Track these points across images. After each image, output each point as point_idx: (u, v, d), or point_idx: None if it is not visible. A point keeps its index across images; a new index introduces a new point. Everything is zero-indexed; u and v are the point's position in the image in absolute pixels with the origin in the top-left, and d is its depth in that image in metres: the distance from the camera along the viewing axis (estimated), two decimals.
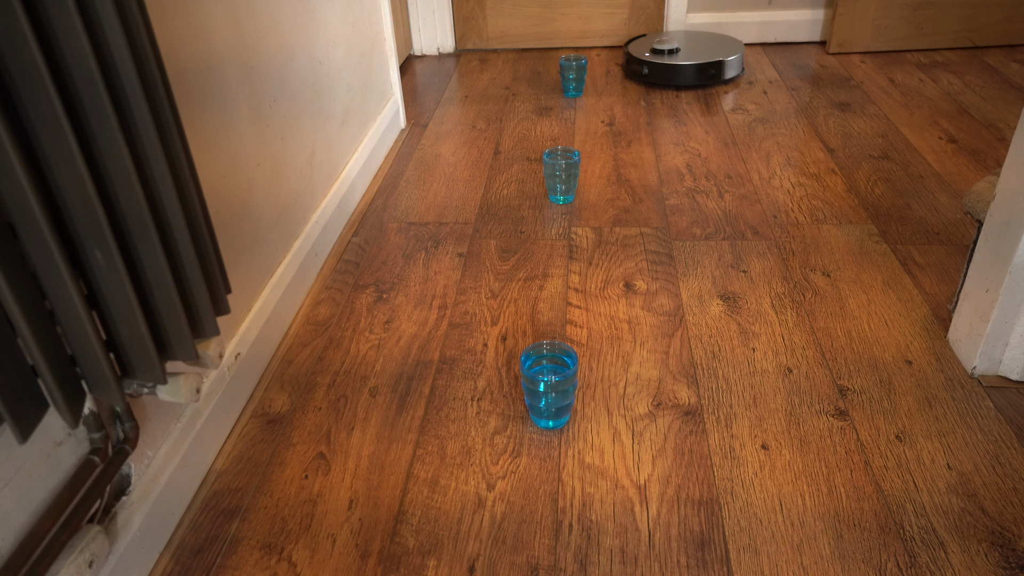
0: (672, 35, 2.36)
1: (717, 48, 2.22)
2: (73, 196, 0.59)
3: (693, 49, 2.22)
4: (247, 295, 1.12)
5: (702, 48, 2.23)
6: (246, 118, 1.11)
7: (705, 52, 2.19)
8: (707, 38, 2.32)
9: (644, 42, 2.35)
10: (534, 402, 0.99)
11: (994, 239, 1.03)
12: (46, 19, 0.55)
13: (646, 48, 2.25)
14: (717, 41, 2.29)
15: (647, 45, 2.29)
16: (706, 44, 2.26)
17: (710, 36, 2.34)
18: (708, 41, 2.29)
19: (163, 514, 0.87)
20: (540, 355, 1.03)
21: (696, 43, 2.28)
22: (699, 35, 2.36)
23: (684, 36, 2.35)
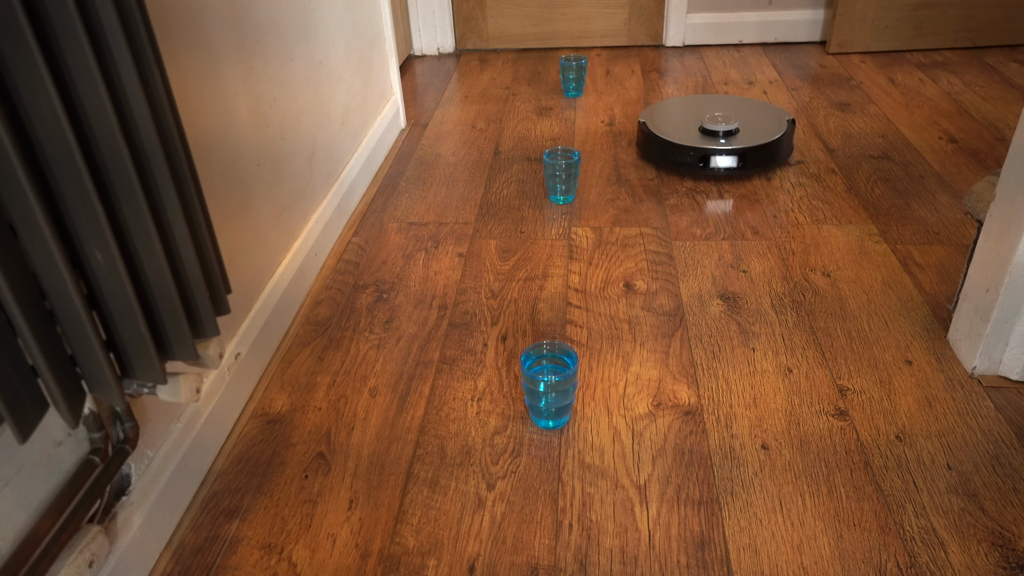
0: (705, 102, 1.83)
1: (767, 119, 1.72)
2: (73, 196, 0.59)
3: (747, 123, 1.71)
4: (247, 295, 1.12)
5: (754, 120, 1.72)
6: (246, 118, 1.11)
7: (759, 126, 1.69)
8: (744, 105, 1.81)
9: (673, 112, 1.80)
10: (534, 402, 0.99)
11: (994, 239, 1.03)
12: (46, 18, 0.55)
13: (684, 125, 1.70)
14: (760, 109, 1.79)
15: (684, 120, 1.73)
16: (753, 114, 1.76)
17: (745, 102, 1.83)
18: (750, 110, 1.79)
19: (163, 514, 0.87)
20: (540, 355, 1.03)
21: (736, 110, 1.78)
22: (730, 102, 1.84)
23: (718, 102, 1.83)
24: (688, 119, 1.73)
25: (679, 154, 1.62)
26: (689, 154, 1.59)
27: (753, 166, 1.60)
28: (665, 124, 1.71)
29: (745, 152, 1.58)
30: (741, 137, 1.62)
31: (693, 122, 1.71)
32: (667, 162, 1.65)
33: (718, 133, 1.63)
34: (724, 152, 1.58)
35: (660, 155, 1.66)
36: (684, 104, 1.83)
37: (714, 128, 1.63)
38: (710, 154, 1.58)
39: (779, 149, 1.64)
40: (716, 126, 1.63)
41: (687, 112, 1.78)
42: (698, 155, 1.59)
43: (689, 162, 1.61)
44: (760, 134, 1.64)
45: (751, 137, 1.62)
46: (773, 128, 1.66)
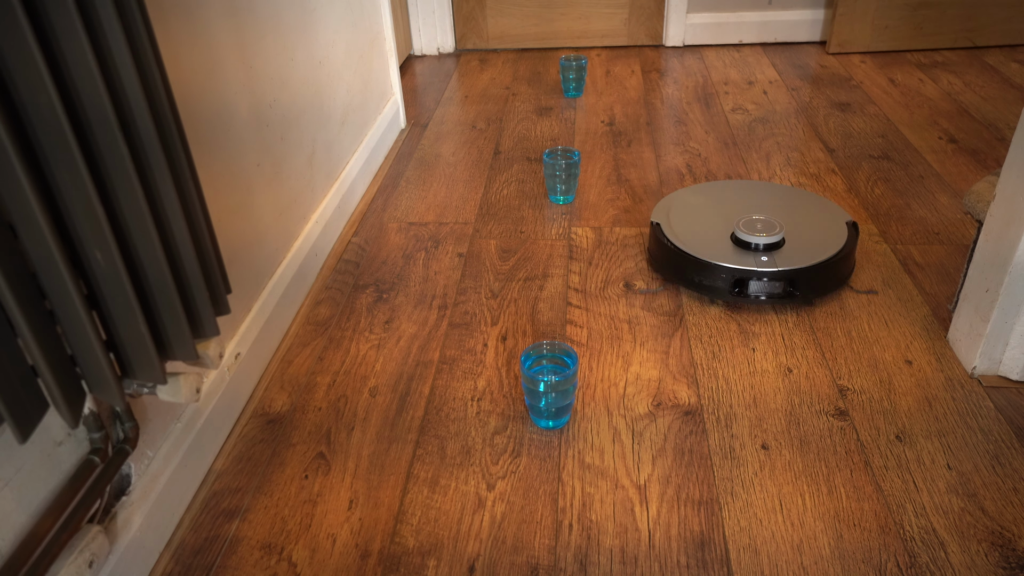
0: (737, 194, 1.40)
1: (820, 221, 1.31)
2: (73, 196, 0.59)
3: (794, 228, 1.29)
4: (247, 295, 1.12)
5: (802, 224, 1.30)
6: (246, 118, 1.11)
7: (811, 233, 1.28)
8: (787, 199, 1.38)
9: (695, 209, 1.36)
10: (534, 402, 0.99)
11: (994, 239, 1.03)
12: (46, 19, 0.55)
13: (710, 231, 1.29)
14: (809, 206, 1.35)
15: (711, 223, 1.31)
16: (799, 213, 1.33)
17: (787, 194, 1.40)
18: (794, 206, 1.36)
19: (163, 514, 0.87)
20: (540, 355, 1.03)
21: (777, 207, 1.36)
22: (768, 193, 1.41)
23: (753, 195, 1.40)
24: (716, 222, 1.31)
25: (706, 274, 1.21)
26: (720, 276, 1.19)
27: (806, 292, 1.20)
28: (686, 229, 1.30)
29: (795, 275, 1.18)
30: (788, 252, 1.22)
31: (722, 226, 1.30)
32: (688, 282, 1.24)
33: (757, 247, 1.23)
34: (766, 276, 1.18)
35: (679, 272, 1.25)
36: (709, 197, 1.40)
37: (752, 240, 1.23)
38: (748, 277, 1.19)
39: (840, 268, 1.23)
40: (754, 237, 1.22)
41: (714, 210, 1.35)
42: (732, 278, 1.19)
43: (720, 286, 1.20)
44: (813, 246, 1.23)
45: (801, 251, 1.22)
46: (829, 236, 1.25)
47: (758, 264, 1.19)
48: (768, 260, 1.19)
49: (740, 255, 1.22)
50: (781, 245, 1.23)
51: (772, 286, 1.19)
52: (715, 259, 1.21)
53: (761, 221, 1.26)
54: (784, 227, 1.27)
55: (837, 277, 1.24)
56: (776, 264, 1.18)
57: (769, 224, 1.25)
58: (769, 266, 1.19)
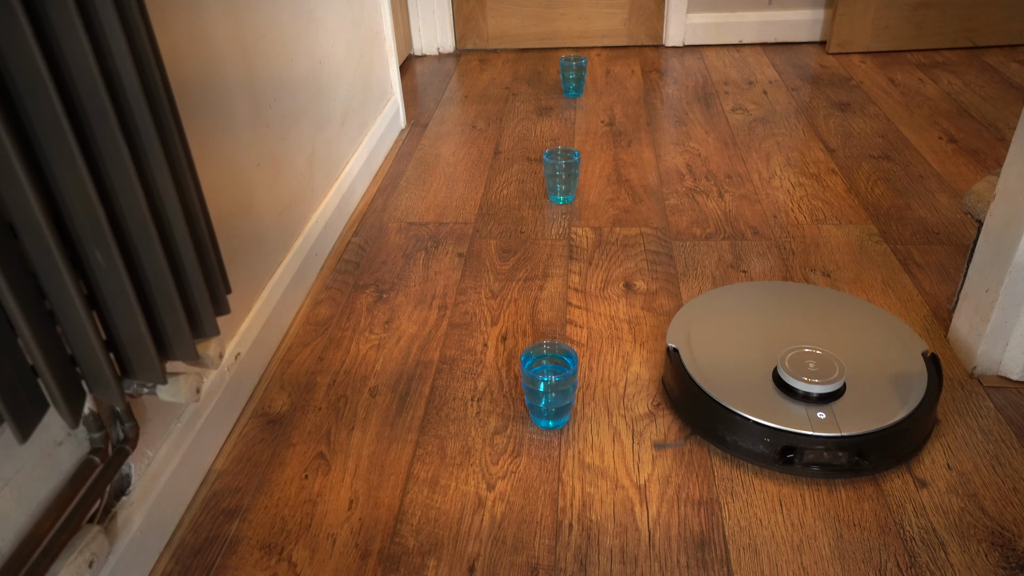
0: (777, 304, 1.09)
1: (888, 352, 1.00)
2: (73, 196, 0.59)
3: (857, 365, 0.98)
4: (247, 295, 1.12)
5: (866, 356, 0.99)
6: (246, 118, 1.11)
7: (877, 372, 0.97)
8: (843, 315, 1.07)
9: (725, 331, 1.04)
10: (534, 402, 0.99)
11: (994, 239, 1.03)
12: (46, 20, 0.55)
13: (747, 366, 0.98)
14: (873, 329, 1.04)
15: (746, 353, 1.00)
16: (861, 339, 1.02)
17: (843, 305, 1.09)
18: (853, 328, 1.04)
19: (163, 514, 0.87)
20: (540, 355, 1.03)
21: (831, 330, 1.04)
22: (818, 301, 1.10)
23: (799, 308, 1.09)
24: (753, 350, 0.99)
25: (741, 433, 0.91)
26: (761, 439, 0.89)
27: (878, 463, 0.90)
28: (713, 361, 0.98)
29: (864, 442, 0.87)
30: (851, 404, 0.91)
31: (761, 356, 0.98)
32: (718, 439, 0.94)
33: (810, 396, 0.92)
34: (824, 443, 0.88)
35: (705, 422, 0.95)
36: (742, 308, 1.07)
37: (803, 387, 0.92)
38: (800, 444, 0.88)
39: (920, 427, 0.92)
40: (806, 383, 0.91)
41: (750, 330, 1.03)
42: (777, 443, 0.89)
43: (761, 451, 0.90)
44: (883, 394, 0.92)
45: (869, 403, 0.91)
46: (904, 377, 0.94)
47: (813, 423, 0.88)
48: (826, 418, 0.88)
49: (787, 407, 0.91)
50: (842, 394, 0.92)
51: (832, 456, 0.87)
52: (753, 413, 0.90)
53: (814, 357, 0.94)
54: (844, 365, 0.94)
55: (916, 439, 0.91)
56: (838, 424, 0.87)
57: (825, 362, 0.93)
58: (828, 427, 0.87)
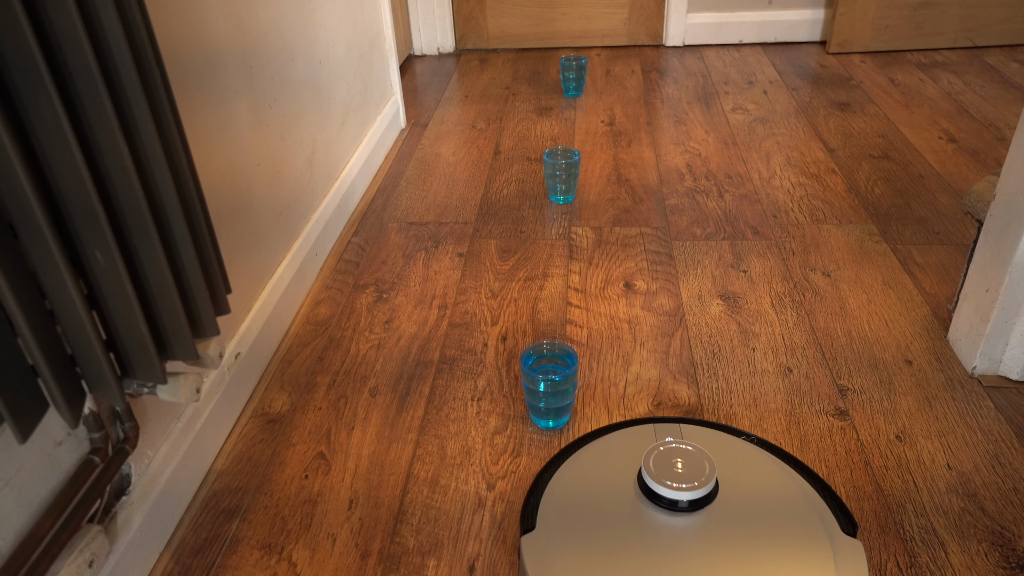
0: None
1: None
2: (73, 196, 0.59)
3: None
4: (247, 295, 1.12)
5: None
6: (246, 118, 1.11)
7: None
8: None
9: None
10: (534, 402, 0.99)
11: (994, 239, 1.03)
12: (46, 19, 0.55)
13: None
14: None
15: None
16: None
17: None
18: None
19: (163, 514, 0.87)
20: (540, 355, 1.03)
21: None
22: None
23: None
24: None
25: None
26: None
27: None
28: None
29: None
30: None
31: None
32: None
33: None
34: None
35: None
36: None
37: None
38: None
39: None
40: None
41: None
42: None
43: None
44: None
45: None
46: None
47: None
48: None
49: None
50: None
51: None
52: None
53: None
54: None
55: None
56: None
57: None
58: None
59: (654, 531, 0.78)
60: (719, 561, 0.74)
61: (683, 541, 0.77)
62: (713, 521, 0.78)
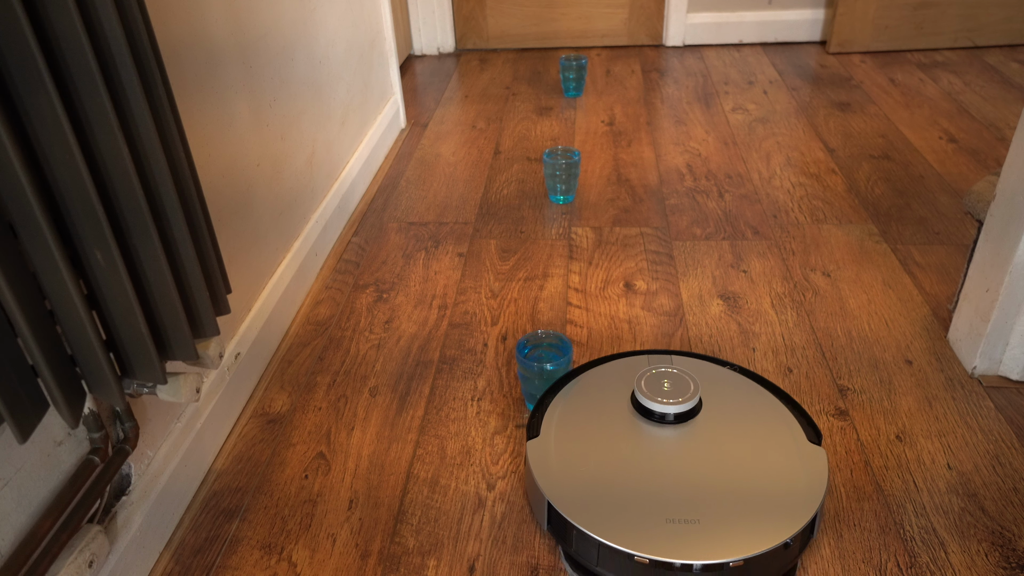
0: None
1: None
2: (73, 196, 0.59)
3: None
4: (247, 295, 1.12)
5: None
6: (246, 118, 1.11)
7: None
8: None
9: None
10: (530, 389, 1.00)
11: (994, 239, 1.03)
12: (46, 20, 0.55)
13: None
14: None
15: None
16: None
17: None
18: None
19: (163, 514, 0.87)
20: (536, 344, 1.04)
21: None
22: None
23: None
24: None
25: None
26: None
27: None
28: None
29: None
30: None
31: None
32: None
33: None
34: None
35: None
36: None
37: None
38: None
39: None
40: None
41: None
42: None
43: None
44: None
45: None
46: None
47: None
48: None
49: None
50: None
51: None
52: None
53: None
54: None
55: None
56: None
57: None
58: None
59: (644, 440, 0.88)
60: (700, 465, 0.85)
61: (669, 449, 0.87)
62: (696, 432, 0.89)
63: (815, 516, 0.80)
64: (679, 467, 0.85)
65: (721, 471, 0.84)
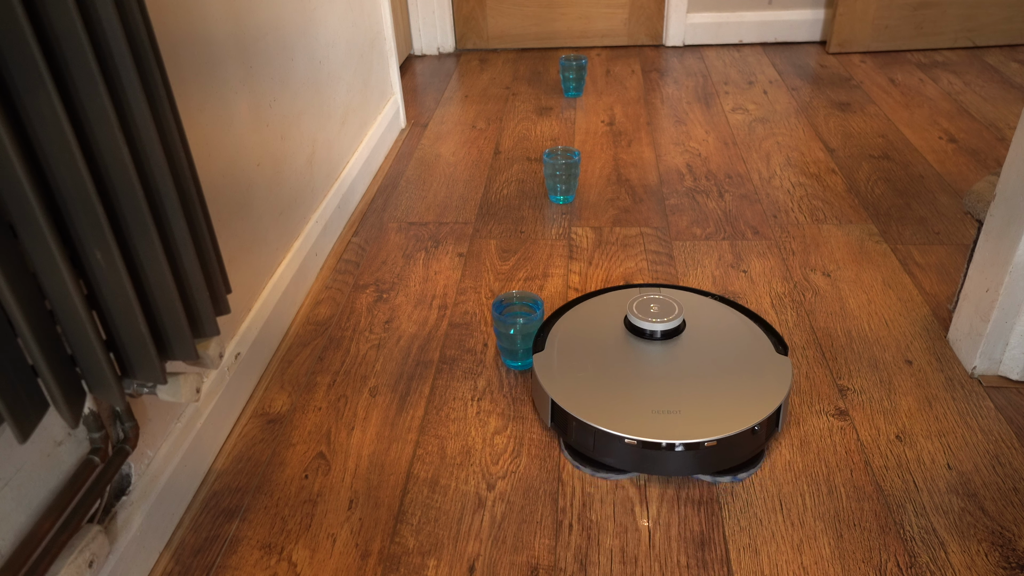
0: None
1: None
2: (73, 196, 0.59)
3: None
4: (247, 295, 1.12)
5: None
6: (246, 118, 1.11)
7: None
8: None
9: None
10: (506, 344, 1.09)
11: (994, 239, 1.03)
12: (46, 20, 0.55)
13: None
14: None
15: None
16: None
17: None
18: None
19: (163, 514, 0.87)
20: (511, 303, 1.14)
21: None
22: None
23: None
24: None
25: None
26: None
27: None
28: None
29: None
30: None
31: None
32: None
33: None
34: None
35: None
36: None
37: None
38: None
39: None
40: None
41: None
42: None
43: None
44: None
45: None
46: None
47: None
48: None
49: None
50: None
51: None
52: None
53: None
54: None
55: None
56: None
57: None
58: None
59: (634, 353, 1.02)
60: (682, 371, 0.99)
61: (657, 359, 1.01)
62: (680, 347, 1.03)
63: (779, 409, 0.94)
64: (664, 372, 0.99)
65: (700, 375, 0.98)
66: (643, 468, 0.93)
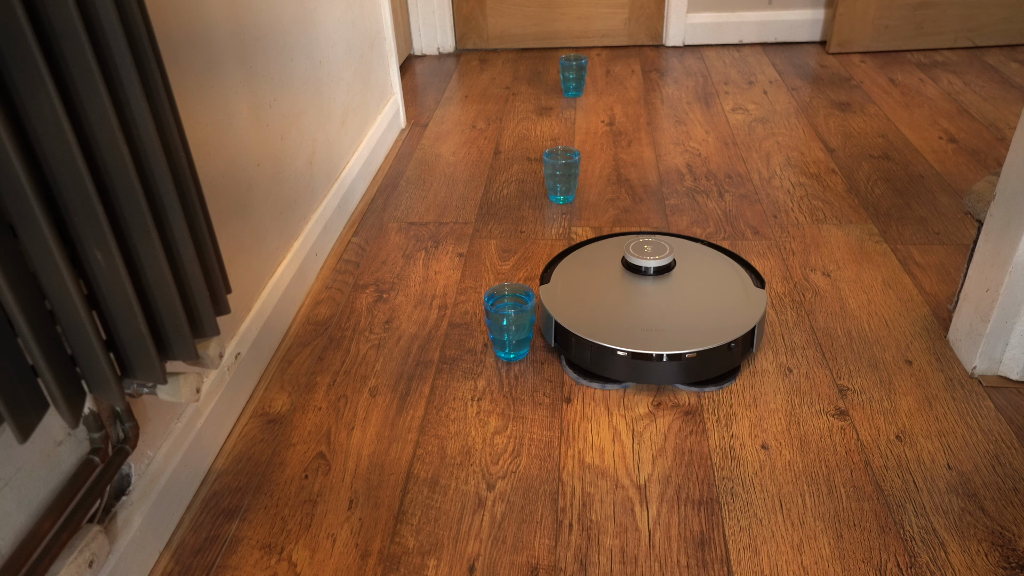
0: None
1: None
2: (73, 196, 0.59)
3: None
4: (247, 295, 1.12)
5: None
6: (246, 118, 1.11)
7: None
8: None
9: None
10: (498, 336, 1.11)
11: (994, 239, 1.03)
12: (46, 20, 0.55)
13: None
14: None
15: None
16: None
17: None
18: None
19: (163, 514, 0.87)
20: (502, 295, 1.15)
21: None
22: None
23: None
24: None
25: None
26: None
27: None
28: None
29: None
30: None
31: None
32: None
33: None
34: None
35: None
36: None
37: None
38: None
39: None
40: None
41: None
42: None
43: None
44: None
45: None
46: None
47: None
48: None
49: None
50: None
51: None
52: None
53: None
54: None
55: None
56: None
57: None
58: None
59: (630, 286, 1.17)
60: (671, 300, 1.13)
61: (649, 291, 1.16)
62: (670, 281, 1.18)
63: (753, 330, 1.08)
64: (655, 301, 1.14)
65: (686, 303, 1.13)
66: (633, 377, 1.06)
